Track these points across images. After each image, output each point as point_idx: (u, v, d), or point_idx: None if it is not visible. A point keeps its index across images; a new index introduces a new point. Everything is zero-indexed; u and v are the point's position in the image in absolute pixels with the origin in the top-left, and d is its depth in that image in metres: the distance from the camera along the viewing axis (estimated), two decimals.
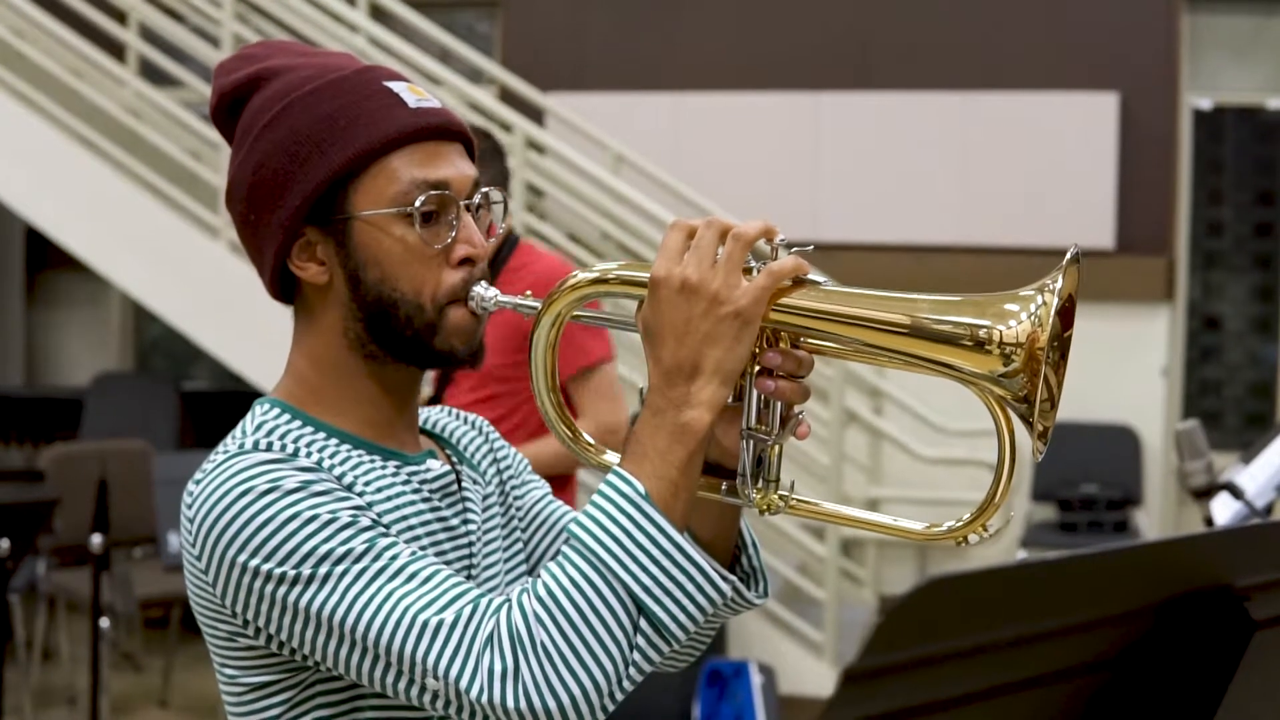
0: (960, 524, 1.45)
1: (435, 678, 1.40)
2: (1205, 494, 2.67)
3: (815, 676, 5.98)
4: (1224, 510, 2.66)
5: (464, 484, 1.64)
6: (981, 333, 1.37)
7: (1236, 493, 2.64)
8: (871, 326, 1.42)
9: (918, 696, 1.00)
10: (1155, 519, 7.45)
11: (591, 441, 1.61)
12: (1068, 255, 1.38)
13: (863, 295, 1.43)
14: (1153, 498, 7.48)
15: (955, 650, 1.00)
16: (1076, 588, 1.06)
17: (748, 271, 1.43)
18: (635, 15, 8.10)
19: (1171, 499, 7.51)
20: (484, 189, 1.59)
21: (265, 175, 1.54)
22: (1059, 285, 1.36)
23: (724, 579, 1.44)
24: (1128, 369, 7.37)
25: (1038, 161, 7.49)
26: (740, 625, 6.01)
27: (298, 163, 1.52)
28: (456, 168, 1.56)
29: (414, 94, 1.56)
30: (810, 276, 1.45)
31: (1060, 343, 1.38)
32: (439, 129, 1.55)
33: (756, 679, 5.49)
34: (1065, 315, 1.38)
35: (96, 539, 5.00)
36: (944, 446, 6.63)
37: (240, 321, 6.28)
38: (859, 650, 0.94)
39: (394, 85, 1.56)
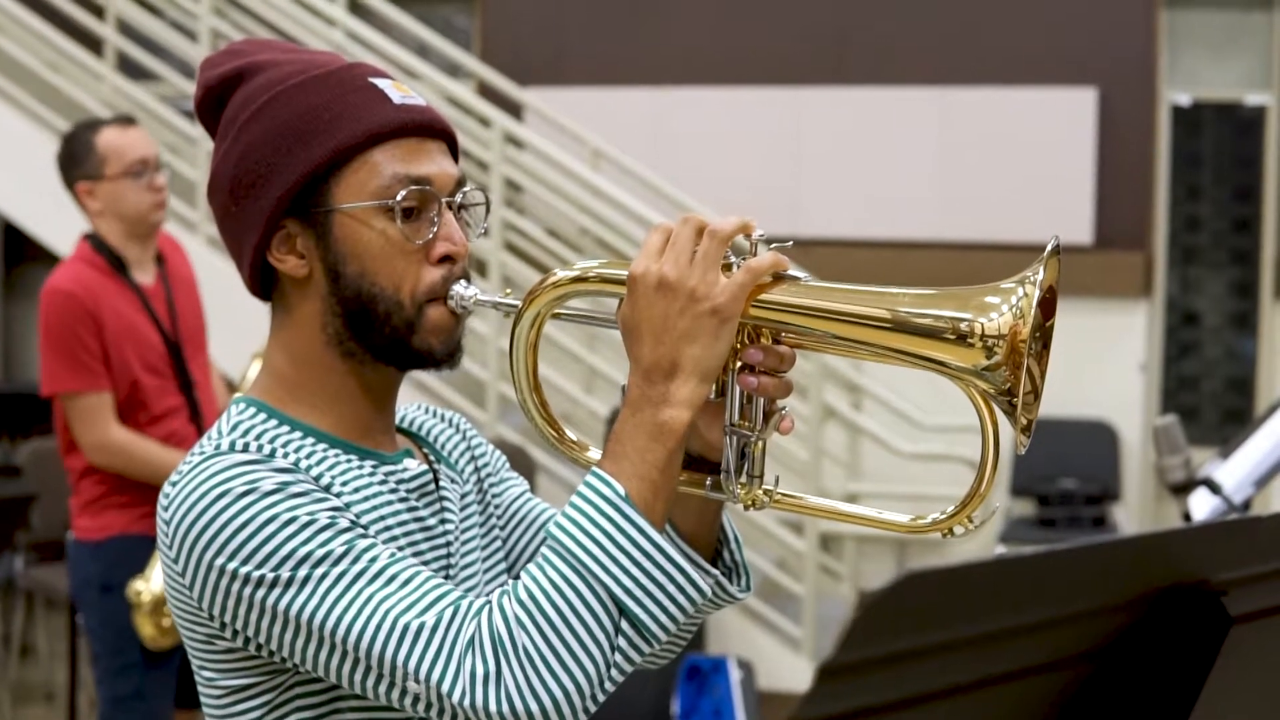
0: (945, 516, 1.45)
1: (416, 681, 1.39)
2: (1183, 489, 2.67)
3: (794, 672, 5.98)
4: (1202, 506, 2.66)
5: (441, 483, 1.63)
6: (963, 326, 1.37)
7: (1214, 488, 2.65)
8: (853, 321, 1.41)
9: (893, 691, 1.00)
10: (1133, 514, 7.47)
11: (576, 439, 1.61)
12: (1049, 247, 1.38)
13: (843, 290, 1.42)
14: (1131, 493, 7.50)
15: (931, 645, 1.00)
16: (1054, 583, 1.06)
17: (727, 268, 1.43)
18: (614, 9, 8.08)
19: (1150, 494, 7.53)
20: (466, 188, 1.59)
21: (248, 166, 1.53)
22: (1039, 277, 1.36)
23: (705, 576, 1.44)
24: (1106, 364, 7.39)
25: (1017, 157, 7.50)
26: (719, 621, 6.01)
27: (280, 154, 1.52)
28: (439, 165, 1.56)
29: (398, 90, 1.56)
30: (790, 272, 1.44)
31: (1042, 333, 1.38)
32: (422, 125, 1.55)
33: (735, 674, 5.49)
34: (1046, 306, 1.37)
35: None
36: (922, 442, 6.63)
37: (217, 315, 6.24)
38: (835, 645, 0.93)
39: (379, 81, 1.56)
